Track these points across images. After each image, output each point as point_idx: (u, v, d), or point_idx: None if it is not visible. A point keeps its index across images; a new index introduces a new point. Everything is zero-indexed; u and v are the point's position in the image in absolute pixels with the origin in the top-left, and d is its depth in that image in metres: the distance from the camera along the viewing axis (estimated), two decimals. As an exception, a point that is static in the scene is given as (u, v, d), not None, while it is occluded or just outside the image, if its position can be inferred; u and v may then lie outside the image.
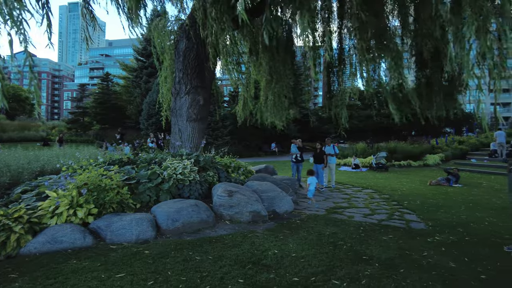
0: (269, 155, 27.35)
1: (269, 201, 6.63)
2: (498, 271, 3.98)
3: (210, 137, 23.34)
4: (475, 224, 6.16)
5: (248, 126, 11.38)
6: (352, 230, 5.59)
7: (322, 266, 3.96)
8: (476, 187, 10.68)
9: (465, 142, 21.05)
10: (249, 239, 4.90)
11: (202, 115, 8.49)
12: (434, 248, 4.76)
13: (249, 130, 19.80)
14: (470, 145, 20.35)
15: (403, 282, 3.60)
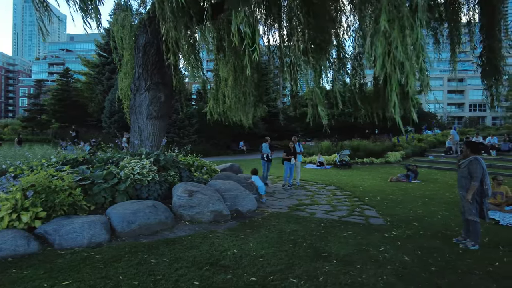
0: (238, 154, 27.22)
1: (232, 200, 6.54)
2: (447, 261, 4.16)
3: (176, 136, 22.84)
4: (429, 218, 6.43)
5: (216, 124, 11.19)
6: (313, 227, 5.63)
7: (281, 265, 3.94)
8: (433, 183, 11.21)
9: (424, 140, 22.09)
10: (209, 239, 4.79)
11: (163, 112, 8.23)
12: (390, 243, 4.89)
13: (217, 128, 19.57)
14: (429, 143, 21.37)
15: (359, 277, 3.65)
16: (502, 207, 7.02)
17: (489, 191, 4.66)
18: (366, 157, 17.90)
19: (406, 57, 3.67)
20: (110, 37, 10.21)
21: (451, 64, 8.24)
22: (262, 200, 7.75)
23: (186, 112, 25.49)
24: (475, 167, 4.62)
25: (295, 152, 10.54)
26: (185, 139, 23.16)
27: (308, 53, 6.60)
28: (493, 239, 5.13)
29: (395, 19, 3.70)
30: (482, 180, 4.61)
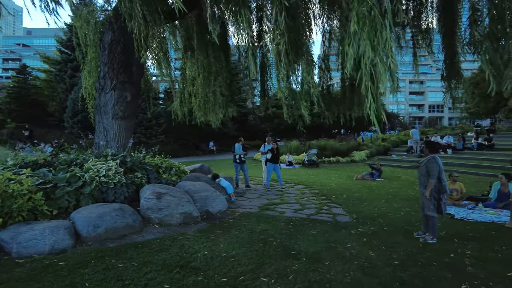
0: (207, 154, 27.00)
1: (202, 202, 6.50)
2: (408, 255, 4.40)
3: (143, 136, 22.27)
4: (393, 214, 6.74)
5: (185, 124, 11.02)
6: (283, 225, 5.73)
7: (251, 264, 3.98)
8: (396, 181, 11.74)
9: (387, 139, 23.05)
10: (178, 242, 4.73)
11: (130, 112, 8.01)
12: (356, 239, 5.08)
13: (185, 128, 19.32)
14: (392, 142, 22.34)
15: (327, 274, 3.77)
16: (458, 202, 7.50)
17: (446, 187, 4.96)
18: (332, 156, 18.40)
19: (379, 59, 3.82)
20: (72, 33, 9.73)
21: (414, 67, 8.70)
22: (232, 200, 7.76)
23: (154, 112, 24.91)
24: (432, 166, 4.91)
25: (278, 153, 10.23)
26: (153, 140, 22.65)
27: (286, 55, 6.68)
28: (449, 232, 5.47)
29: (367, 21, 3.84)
30: (439, 178, 4.91)
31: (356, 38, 3.87)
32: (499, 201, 7.20)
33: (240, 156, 10.12)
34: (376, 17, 3.82)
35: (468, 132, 22.66)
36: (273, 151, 10.04)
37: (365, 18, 3.82)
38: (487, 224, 6.05)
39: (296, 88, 7.27)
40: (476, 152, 16.86)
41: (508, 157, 13.50)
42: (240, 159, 10.14)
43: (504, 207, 6.91)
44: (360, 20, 3.83)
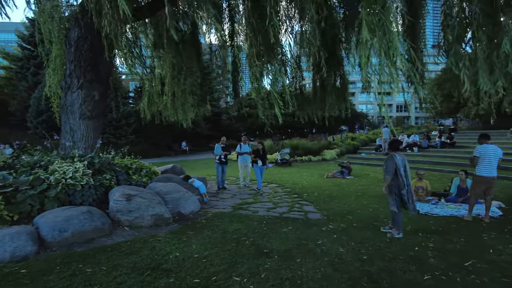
0: (180, 154, 26.59)
1: (174, 203, 6.41)
2: (376, 250, 4.57)
3: (112, 136, 21.60)
4: (362, 211, 6.97)
5: (156, 124, 10.79)
6: (256, 224, 5.78)
7: (224, 264, 3.98)
8: (365, 178, 12.12)
9: (356, 138, 23.73)
10: (149, 244, 4.65)
11: (98, 112, 7.75)
12: (327, 236, 5.21)
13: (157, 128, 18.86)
14: (361, 141, 23.02)
15: (299, 271, 3.84)
16: (423, 198, 7.87)
17: (405, 183, 5.14)
18: (304, 155, 18.72)
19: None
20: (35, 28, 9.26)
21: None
22: (205, 200, 7.71)
23: (123, 111, 24.24)
24: (389, 163, 5.20)
25: (264, 153, 9.79)
26: (123, 140, 22.03)
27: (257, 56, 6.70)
28: (414, 226, 5.74)
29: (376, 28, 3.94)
30: (399, 174, 5.13)
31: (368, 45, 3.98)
32: (458, 196, 7.63)
33: (220, 157, 9.80)
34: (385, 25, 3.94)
35: (432, 131, 23.74)
36: (259, 152, 9.64)
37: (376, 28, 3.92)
38: (448, 218, 6.40)
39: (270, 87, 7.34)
40: (439, 150, 17.72)
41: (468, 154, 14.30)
42: (220, 159, 9.81)
43: (463, 202, 7.32)
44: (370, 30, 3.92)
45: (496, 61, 4.56)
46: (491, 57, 4.61)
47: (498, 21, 4.42)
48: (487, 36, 4.60)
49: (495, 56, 4.59)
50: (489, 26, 4.53)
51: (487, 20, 4.52)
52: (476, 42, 4.83)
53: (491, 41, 4.64)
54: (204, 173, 13.14)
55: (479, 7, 4.59)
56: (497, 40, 4.60)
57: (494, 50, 4.57)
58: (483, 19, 4.55)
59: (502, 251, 4.48)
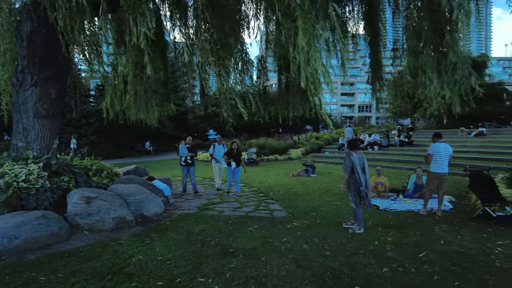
0: (143, 155, 25.83)
1: (137, 205, 6.23)
2: (338, 245, 4.72)
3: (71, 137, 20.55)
4: (325, 208, 7.17)
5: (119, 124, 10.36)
6: (221, 224, 5.76)
7: (188, 266, 3.94)
8: (328, 176, 12.47)
9: (320, 137, 24.36)
10: (110, 248, 4.49)
11: (55, 110, 7.34)
12: (292, 233, 5.31)
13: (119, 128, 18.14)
14: (325, 140, 23.66)
15: (264, 269, 3.88)
16: (383, 194, 8.24)
17: (362, 181, 5.35)
18: (271, 155, 18.92)
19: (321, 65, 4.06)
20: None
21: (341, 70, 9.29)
22: (169, 202, 7.57)
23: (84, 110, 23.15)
24: (346, 161, 5.45)
25: (238, 154, 8.96)
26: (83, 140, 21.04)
27: (216, 53, 6.66)
28: (374, 222, 5.99)
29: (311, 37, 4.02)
30: (356, 172, 5.34)
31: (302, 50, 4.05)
32: (415, 192, 8.08)
33: (186, 158, 9.19)
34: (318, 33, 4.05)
35: (392, 130, 24.90)
36: (233, 152, 8.86)
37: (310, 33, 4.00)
38: (406, 212, 6.75)
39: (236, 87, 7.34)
40: (398, 148, 18.62)
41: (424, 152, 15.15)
42: (186, 161, 9.20)
43: (419, 197, 7.76)
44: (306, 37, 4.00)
45: (443, 69, 4.92)
46: (439, 66, 4.96)
47: (442, 34, 4.77)
48: (435, 46, 4.95)
49: (443, 65, 4.95)
50: (436, 38, 4.88)
51: (434, 34, 4.87)
52: (428, 51, 5.15)
53: (438, 51, 4.98)
54: (168, 174, 12.88)
55: (426, 24, 4.94)
56: (443, 51, 4.97)
57: (442, 59, 4.93)
58: (432, 33, 4.89)
59: (451, 241, 4.80)
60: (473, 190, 6.68)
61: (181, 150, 9.34)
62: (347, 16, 8.76)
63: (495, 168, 9.87)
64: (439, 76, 4.95)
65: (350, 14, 8.74)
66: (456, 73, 4.81)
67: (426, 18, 4.94)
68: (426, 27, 5.00)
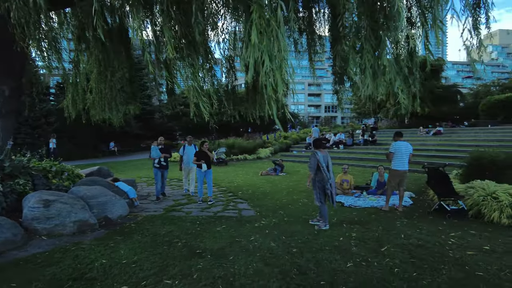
0: (108, 156, 24.86)
1: (100, 207, 6.01)
2: (305, 242, 4.82)
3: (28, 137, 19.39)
4: (292, 206, 7.30)
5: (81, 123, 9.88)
6: (189, 225, 5.69)
7: (154, 268, 3.86)
8: (296, 175, 12.68)
9: (289, 137, 24.71)
10: (71, 253, 4.30)
11: (9, 108, 6.89)
12: (259, 232, 5.35)
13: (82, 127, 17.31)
14: (293, 140, 24.02)
15: (232, 268, 3.88)
16: (348, 192, 8.51)
17: (327, 177, 5.51)
18: (240, 154, 18.94)
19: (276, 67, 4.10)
20: None
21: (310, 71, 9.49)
22: (135, 204, 7.36)
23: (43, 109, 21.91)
24: (311, 160, 5.56)
25: (207, 155, 7.93)
26: (41, 141, 19.89)
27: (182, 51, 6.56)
28: (339, 218, 6.18)
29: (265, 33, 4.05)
30: (320, 170, 5.49)
31: (256, 49, 4.07)
32: (378, 189, 8.42)
33: (160, 160, 8.28)
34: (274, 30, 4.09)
35: (356, 130, 25.75)
36: (203, 154, 7.87)
37: (264, 32, 4.04)
38: (369, 209, 7.01)
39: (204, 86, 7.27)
40: (362, 147, 19.30)
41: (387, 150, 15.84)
42: (160, 163, 8.28)
43: (382, 194, 8.09)
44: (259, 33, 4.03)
45: (377, 70, 5.18)
46: (374, 67, 5.22)
47: (379, 35, 5.00)
48: (371, 47, 5.18)
49: (377, 65, 5.22)
50: (372, 39, 5.11)
51: (372, 34, 5.10)
52: (365, 52, 5.38)
53: (374, 52, 5.23)
54: (134, 175, 12.54)
55: (366, 23, 5.14)
56: (378, 52, 5.23)
57: (376, 60, 5.19)
58: (370, 33, 5.11)
59: (410, 235, 5.05)
60: (430, 186, 7.06)
61: (153, 152, 8.40)
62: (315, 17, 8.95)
63: (450, 165, 10.50)
64: (375, 78, 5.21)
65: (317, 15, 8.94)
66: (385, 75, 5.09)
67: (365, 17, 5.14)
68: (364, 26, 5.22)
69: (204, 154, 7.84)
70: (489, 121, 24.29)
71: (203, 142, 8.11)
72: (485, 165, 7.52)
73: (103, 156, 24.23)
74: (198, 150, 8.07)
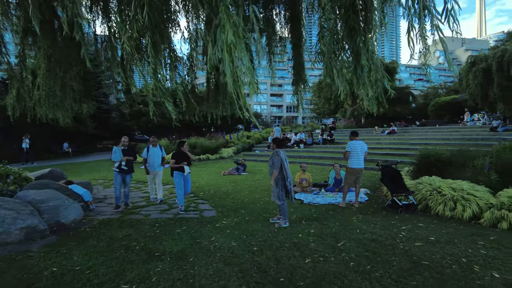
0: (61, 157, 23.38)
1: (52, 212, 5.67)
2: (265, 240, 4.89)
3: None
4: (254, 205, 7.36)
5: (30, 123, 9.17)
6: (147, 228, 5.55)
7: (110, 273, 3.72)
8: (258, 174, 12.78)
9: (251, 136, 24.85)
10: (18, 262, 4.03)
11: None
12: (220, 232, 5.34)
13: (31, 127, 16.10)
14: (255, 139, 24.18)
15: (191, 270, 3.85)
16: (307, 189, 8.74)
17: (287, 175, 5.68)
18: (202, 154, 18.72)
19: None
20: None
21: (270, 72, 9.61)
22: (90, 207, 7.03)
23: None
24: (275, 158, 5.66)
25: (187, 156, 7.16)
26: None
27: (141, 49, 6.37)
28: (299, 215, 6.34)
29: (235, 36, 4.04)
30: (282, 168, 5.62)
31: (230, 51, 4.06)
32: (336, 186, 8.74)
33: (120, 163, 7.28)
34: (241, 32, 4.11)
35: (316, 129, 26.49)
36: (183, 155, 7.09)
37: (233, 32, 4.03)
38: (327, 205, 7.26)
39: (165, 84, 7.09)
40: (321, 146, 19.90)
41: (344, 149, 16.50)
42: (120, 167, 7.30)
43: (340, 191, 8.42)
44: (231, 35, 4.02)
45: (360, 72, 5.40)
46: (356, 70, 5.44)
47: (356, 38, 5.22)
48: (351, 50, 5.39)
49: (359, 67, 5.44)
50: (350, 43, 5.33)
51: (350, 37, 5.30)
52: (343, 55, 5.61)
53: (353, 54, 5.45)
54: (90, 177, 11.95)
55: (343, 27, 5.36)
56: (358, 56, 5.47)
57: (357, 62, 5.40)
58: (347, 36, 5.32)
59: (365, 230, 5.31)
60: (384, 183, 7.45)
61: (114, 153, 7.35)
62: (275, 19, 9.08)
63: (402, 163, 11.16)
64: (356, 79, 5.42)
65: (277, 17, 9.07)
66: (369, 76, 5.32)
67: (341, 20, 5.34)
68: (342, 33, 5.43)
69: (184, 156, 7.05)
70: (437, 121, 26.16)
71: (182, 142, 7.34)
72: (432, 162, 8.08)
73: (57, 158, 22.79)
74: (177, 152, 7.15)
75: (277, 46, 9.35)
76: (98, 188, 9.91)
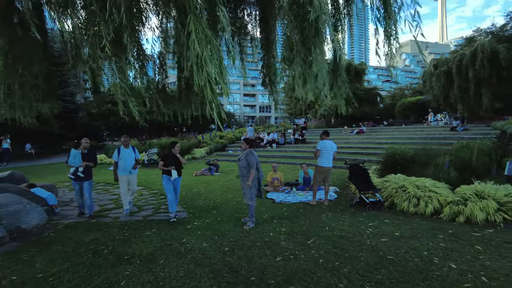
0: (24, 159, 22.16)
1: (11, 217, 5.38)
2: (236, 240, 4.91)
3: None
4: (226, 205, 7.37)
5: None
6: (116, 231, 5.42)
7: (76, 279, 3.61)
8: (230, 174, 12.76)
9: (224, 136, 24.77)
10: (-27, 271, 3.80)
11: None
12: (192, 233, 5.31)
13: (-12, 127, 15.13)
14: (228, 139, 24.13)
15: (162, 272, 3.80)
16: (278, 188, 8.85)
17: (262, 175, 5.77)
18: (174, 154, 18.45)
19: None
20: None
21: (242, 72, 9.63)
22: (55, 211, 6.74)
23: None
24: (252, 158, 5.67)
25: (177, 160, 6.51)
26: None
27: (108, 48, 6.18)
28: (270, 214, 6.41)
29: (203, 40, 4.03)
30: (257, 168, 5.68)
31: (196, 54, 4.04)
32: (306, 184, 8.92)
33: (76, 170, 6.41)
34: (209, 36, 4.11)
35: (288, 129, 26.83)
36: (172, 157, 6.48)
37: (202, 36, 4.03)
38: (298, 204, 7.39)
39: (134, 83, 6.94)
40: (293, 146, 20.20)
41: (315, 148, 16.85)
42: (76, 174, 6.39)
43: (310, 189, 8.58)
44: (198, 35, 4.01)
45: (308, 77, 5.62)
46: (305, 74, 5.65)
47: (309, 47, 5.42)
48: (303, 57, 5.59)
49: (308, 73, 5.67)
50: (303, 51, 5.51)
51: (303, 46, 5.50)
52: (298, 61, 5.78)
53: (305, 61, 5.65)
54: (55, 180, 11.45)
55: (298, 37, 5.53)
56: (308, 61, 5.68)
57: (307, 69, 5.62)
58: (301, 45, 5.51)
59: (334, 227, 5.46)
60: (352, 181, 7.69)
61: (70, 157, 6.51)
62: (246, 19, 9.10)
63: (370, 161, 11.56)
64: (304, 84, 5.65)
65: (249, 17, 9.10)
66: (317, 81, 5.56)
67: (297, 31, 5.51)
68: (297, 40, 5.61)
69: (174, 159, 6.46)
70: (403, 120, 27.25)
71: (173, 143, 6.60)
72: (397, 160, 8.44)
73: (18, 160, 21.58)
74: (167, 153, 6.59)
75: (249, 46, 9.40)
76: (64, 190, 9.51)
